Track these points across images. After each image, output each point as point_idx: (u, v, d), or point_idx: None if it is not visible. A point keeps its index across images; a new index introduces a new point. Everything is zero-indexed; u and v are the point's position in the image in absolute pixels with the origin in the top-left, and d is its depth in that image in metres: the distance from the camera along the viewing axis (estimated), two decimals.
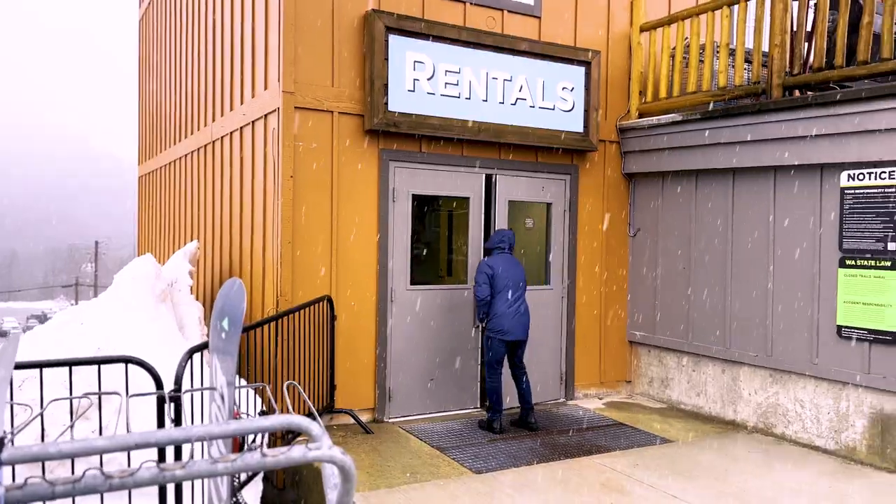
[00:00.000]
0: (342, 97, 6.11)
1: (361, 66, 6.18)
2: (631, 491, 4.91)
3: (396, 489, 4.82)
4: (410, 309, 6.51)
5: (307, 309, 5.72)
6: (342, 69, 6.12)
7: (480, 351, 6.89)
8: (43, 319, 54.32)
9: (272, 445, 4.82)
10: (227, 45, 7.60)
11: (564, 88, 6.99)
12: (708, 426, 6.61)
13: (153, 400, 3.83)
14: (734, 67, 6.49)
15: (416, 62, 6.21)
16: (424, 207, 8.60)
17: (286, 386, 2.73)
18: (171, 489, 3.76)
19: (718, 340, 6.78)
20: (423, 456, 5.52)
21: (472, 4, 6.67)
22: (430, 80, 6.30)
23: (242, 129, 6.94)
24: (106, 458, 4.11)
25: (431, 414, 6.64)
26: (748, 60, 6.69)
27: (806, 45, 6.15)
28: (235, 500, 4.17)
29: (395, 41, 6.10)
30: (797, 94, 6.19)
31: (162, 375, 3.85)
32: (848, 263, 5.68)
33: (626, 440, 6.07)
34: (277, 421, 1.97)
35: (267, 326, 5.17)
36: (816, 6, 5.88)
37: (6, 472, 2.94)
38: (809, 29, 6.12)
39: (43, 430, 4.09)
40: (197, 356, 4.23)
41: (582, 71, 7.06)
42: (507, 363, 6.37)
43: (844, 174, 5.70)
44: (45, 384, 3.83)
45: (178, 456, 3.66)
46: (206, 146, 8.41)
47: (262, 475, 4.94)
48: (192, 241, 8.54)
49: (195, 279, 7.92)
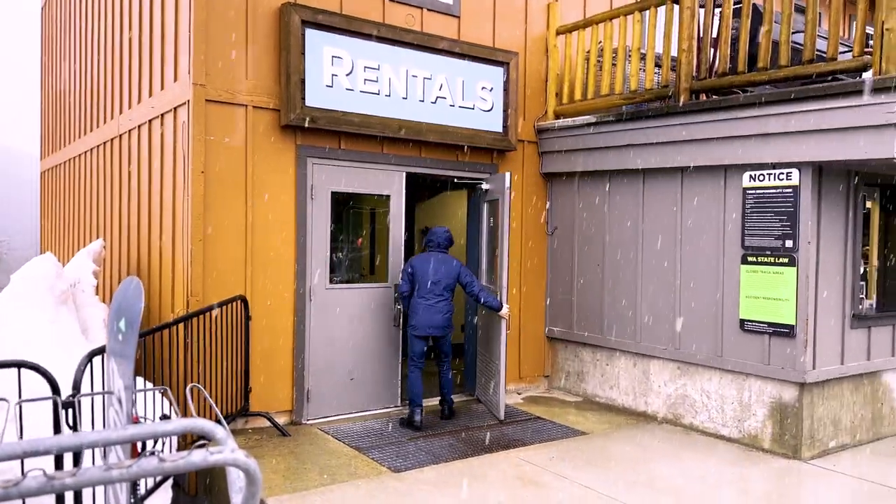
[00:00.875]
0: (257, 91, 5.95)
1: (277, 59, 6.04)
2: (546, 483, 5.01)
3: (313, 491, 4.74)
4: (330, 308, 6.41)
5: (219, 309, 5.54)
6: (257, 62, 5.96)
7: (402, 349, 6.87)
8: None
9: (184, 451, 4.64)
10: (135, 34, 7.27)
11: (484, 88, 7.06)
12: (621, 418, 6.82)
13: (51, 406, 3.61)
14: (645, 71, 6.72)
15: (334, 57, 6.12)
16: (346, 205, 8.50)
17: (189, 389, 2.62)
18: (69, 497, 3.56)
19: (630, 335, 7.00)
20: (341, 457, 5.45)
21: (391, 1, 6.63)
22: (349, 75, 6.22)
23: (151, 122, 6.66)
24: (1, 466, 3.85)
25: (351, 414, 6.57)
26: (658, 65, 6.94)
27: (712, 50, 6.43)
28: None
29: (312, 35, 5.99)
30: (703, 97, 6.46)
31: (61, 380, 3.63)
32: (749, 260, 5.98)
33: (542, 434, 6.19)
34: (179, 425, 1.89)
35: (176, 327, 4.97)
36: (721, 14, 6.15)
37: None
38: (715, 35, 6.40)
39: None
40: (98, 359, 4.02)
41: (501, 71, 7.14)
42: None
43: (746, 175, 6.00)
44: None
45: (76, 464, 3.46)
46: (112, 140, 8.03)
47: (171, 482, 4.75)
48: (97, 239, 8.13)
49: (100, 279, 7.54)
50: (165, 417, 4.45)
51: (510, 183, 6.57)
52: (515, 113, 7.27)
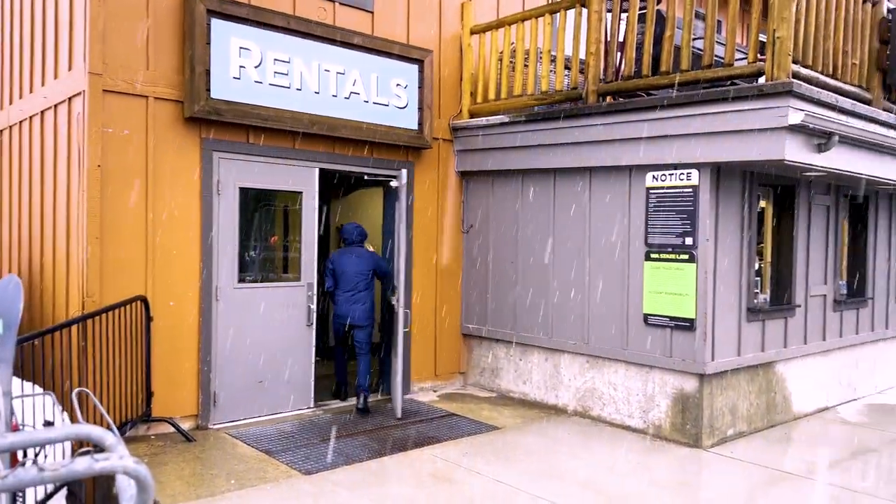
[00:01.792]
0: (159, 81, 5.69)
1: (181, 49, 5.79)
2: (459, 479, 5.03)
3: (219, 497, 4.58)
4: (239, 308, 6.21)
5: (118, 310, 5.27)
6: (160, 51, 5.70)
7: (316, 349, 6.75)
8: None
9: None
10: (26, 19, 6.80)
11: (398, 85, 7.02)
12: (533, 412, 6.94)
13: None
14: (556, 73, 6.86)
15: (241, 49, 5.93)
16: (259, 202, 8.26)
17: (76, 394, 2.47)
18: None
19: (542, 330, 7.14)
20: (250, 461, 5.29)
21: None
22: (257, 68, 6.04)
23: (44, 113, 6.25)
24: None
25: (262, 417, 6.39)
26: (568, 67, 7.10)
27: (618, 54, 6.63)
28: None
29: (218, 26, 5.78)
30: (611, 99, 6.66)
31: None
32: (653, 257, 6.21)
33: (457, 430, 6.22)
34: (63, 432, 1.78)
35: (68, 330, 4.68)
36: (627, 19, 6.36)
37: None
38: (621, 40, 6.61)
39: None
40: None
41: (415, 69, 7.12)
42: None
43: (650, 175, 6.22)
44: None
45: None
46: (1, 132, 7.49)
47: (65, 492, 4.47)
48: None
49: None
50: (49, 424, 4.19)
51: (406, 180, 6.60)
52: (431, 111, 7.27)
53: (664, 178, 6.12)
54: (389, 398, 7.28)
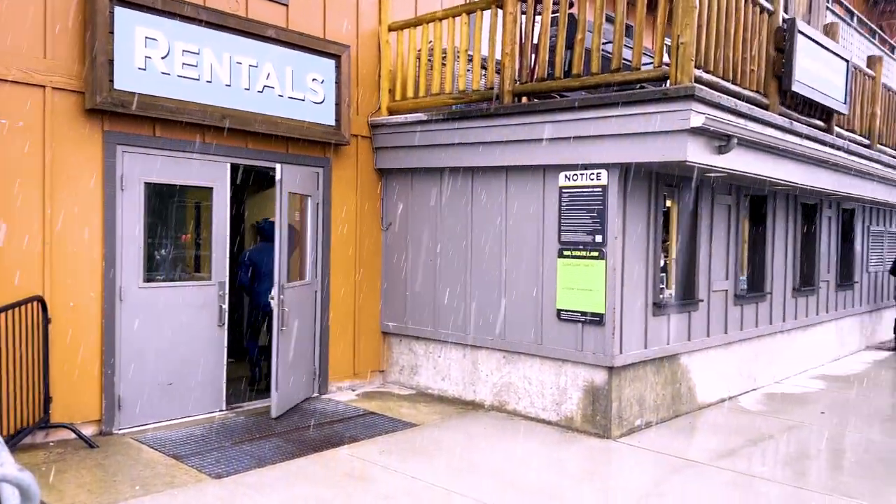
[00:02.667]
0: (57, 71, 5.40)
1: (82, 37, 5.51)
2: (375, 477, 5.02)
3: None
4: (146, 308, 5.98)
5: (12, 311, 4.98)
6: (58, 39, 5.41)
7: (227, 349, 6.58)
8: None
9: None
10: None
11: (315, 80, 6.92)
12: (451, 408, 7.00)
13: None
14: (472, 72, 6.93)
15: (147, 39, 5.70)
16: (169, 198, 7.97)
17: None
18: None
19: (461, 327, 7.20)
20: (157, 466, 5.10)
21: None
22: (164, 58, 5.83)
23: None
24: None
25: (171, 420, 6.18)
26: (485, 67, 7.18)
27: (533, 56, 6.76)
28: None
29: (122, 14, 5.54)
30: (526, 100, 6.78)
31: None
32: (565, 254, 6.37)
33: (374, 428, 6.20)
34: None
35: None
36: (541, 22, 6.48)
37: None
38: (536, 41, 6.73)
39: None
40: None
41: (332, 64, 7.04)
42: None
43: (562, 174, 6.37)
44: None
45: None
46: None
47: None
48: None
49: None
50: None
51: (282, 175, 6.33)
52: (348, 107, 7.21)
53: (576, 177, 6.28)
54: (307, 398, 7.17)
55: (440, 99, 7.16)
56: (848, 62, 7.83)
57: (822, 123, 7.64)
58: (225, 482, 4.86)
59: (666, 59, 5.70)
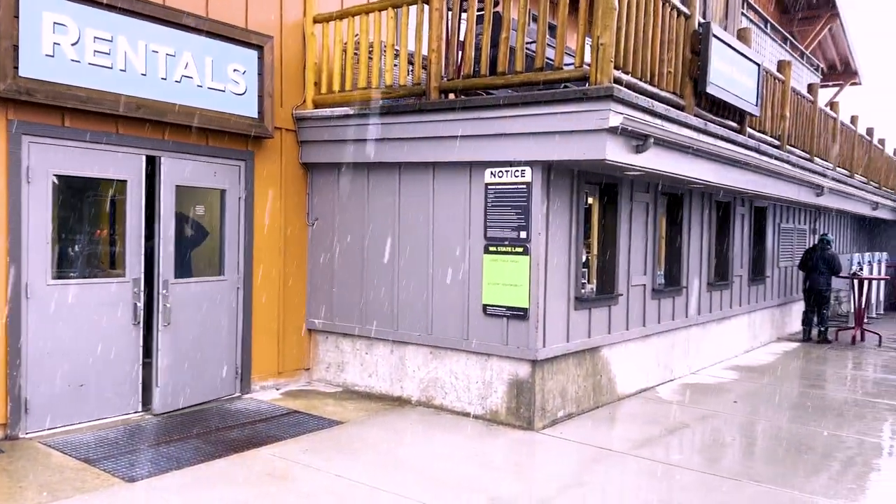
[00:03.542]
0: None
1: None
2: (298, 476, 4.95)
3: None
4: (55, 306, 5.70)
5: None
6: None
7: (144, 350, 6.35)
8: None
9: None
10: None
11: (236, 71, 6.75)
12: (378, 404, 6.98)
13: None
14: (399, 67, 6.90)
15: (56, 24, 5.42)
16: (81, 192, 7.61)
17: None
18: None
19: (389, 323, 7.18)
20: (66, 471, 4.88)
21: None
22: (75, 45, 5.56)
23: None
24: None
25: (84, 423, 5.92)
26: (411, 62, 7.16)
27: (459, 53, 6.79)
28: None
29: None
30: (452, 96, 6.81)
31: None
32: (491, 250, 6.44)
33: (298, 427, 6.11)
34: None
35: None
36: (467, 18, 6.52)
37: None
38: (462, 38, 6.76)
39: None
40: None
41: (255, 55, 6.88)
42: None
43: (488, 171, 6.43)
44: None
45: None
46: None
47: None
48: None
49: None
50: None
51: (162, 167, 6.27)
52: (272, 99, 7.06)
53: (501, 174, 6.36)
54: (225, 398, 7.01)
55: (367, 93, 7.10)
56: (759, 66, 8.21)
57: (735, 125, 7.99)
58: (139, 486, 4.70)
59: (587, 59, 5.83)
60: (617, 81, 5.67)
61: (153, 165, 6.38)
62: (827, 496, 4.94)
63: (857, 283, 12.61)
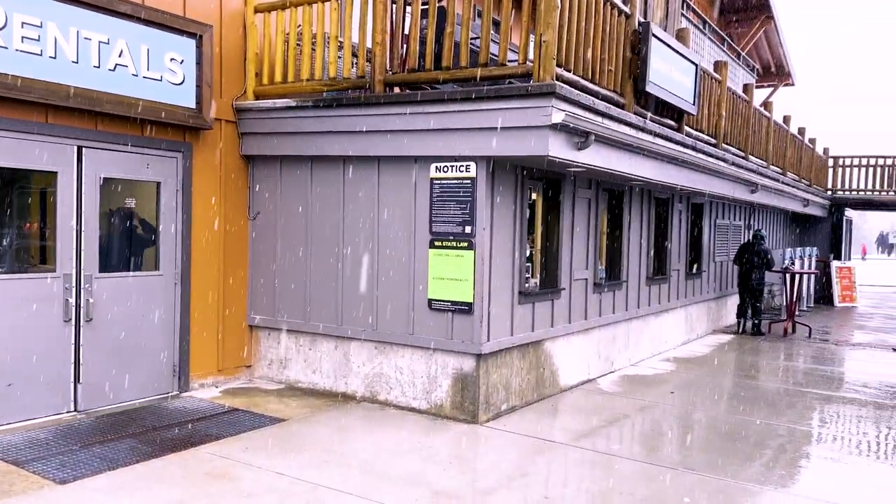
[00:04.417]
0: None
1: None
2: (237, 475, 4.86)
3: None
4: None
5: None
6: None
7: (76, 347, 6.12)
8: None
9: None
10: None
11: (174, 60, 6.55)
12: (321, 401, 6.91)
13: None
14: (343, 59, 6.82)
15: None
16: (11, 184, 7.27)
17: None
18: None
19: (333, 319, 7.11)
20: None
21: None
22: (2, 31, 5.30)
23: None
24: None
25: (12, 424, 5.67)
26: (355, 54, 7.09)
27: (404, 46, 6.75)
28: None
29: None
30: (398, 90, 6.77)
31: None
32: (436, 244, 6.44)
33: (239, 426, 6.00)
34: None
35: None
36: (411, 12, 6.49)
37: None
38: (407, 32, 6.73)
39: None
40: None
41: (193, 44, 6.69)
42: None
43: (433, 166, 6.43)
44: None
45: None
46: None
47: None
48: None
49: None
50: None
51: (82, 158, 6.06)
52: (211, 89, 6.88)
53: (446, 169, 6.36)
54: (162, 396, 6.82)
55: (310, 85, 7.00)
56: (697, 66, 8.44)
57: (673, 123, 8.20)
58: (71, 487, 4.53)
59: (531, 56, 5.88)
60: (559, 79, 5.74)
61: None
62: (759, 483, 5.14)
63: (788, 277, 13.13)
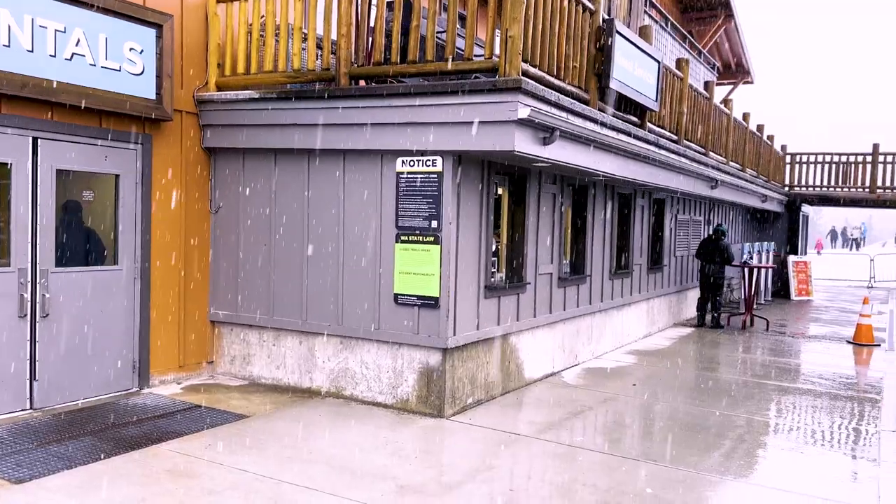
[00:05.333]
0: None
1: None
2: (199, 473, 4.79)
3: None
4: None
5: None
6: None
7: (31, 344, 5.96)
8: None
9: None
10: None
11: (133, 50, 6.40)
12: (285, 397, 6.84)
13: None
14: (308, 51, 6.74)
15: None
16: None
17: None
18: None
19: (297, 314, 7.04)
20: None
21: None
22: None
23: None
24: None
25: None
26: (320, 46, 7.02)
27: (369, 39, 6.70)
28: None
29: None
30: (363, 83, 6.72)
31: None
32: (403, 239, 6.42)
33: (201, 422, 5.91)
34: None
35: None
36: (377, 5, 6.44)
37: None
38: (372, 25, 6.68)
39: None
40: None
41: (153, 33, 6.54)
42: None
43: (399, 160, 6.40)
44: None
45: None
46: None
47: None
48: None
49: None
50: None
51: (39, 150, 6.00)
52: (171, 80, 6.74)
53: (413, 163, 6.34)
54: (122, 393, 6.69)
55: (273, 77, 6.91)
56: (660, 63, 8.56)
57: (636, 119, 8.31)
58: (27, 487, 4.42)
59: (497, 51, 5.89)
60: (525, 74, 5.77)
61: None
62: (719, 473, 5.25)
63: (747, 271, 13.43)
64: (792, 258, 18.94)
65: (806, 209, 21.33)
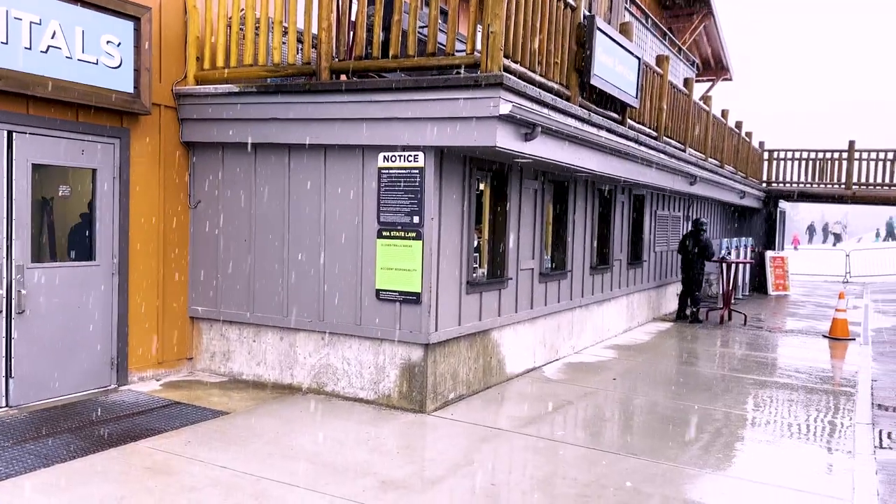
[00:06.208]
0: None
1: None
2: (179, 470, 4.75)
3: None
4: None
5: None
6: None
7: (7, 340, 5.87)
8: None
9: None
10: None
11: (110, 43, 6.30)
12: (266, 393, 6.81)
13: None
14: (288, 45, 6.69)
15: None
16: None
17: None
18: None
19: (278, 310, 7.01)
20: None
21: None
22: None
23: None
24: None
25: None
26: (301, 41, 6.97)
27: (351, 33, 6.66)
28: None
29: None
30: (344, 78, 6.68)
31: None
32: (384, 234, 6.41)
33: (181, 419, 5.86)
34: None
35: None
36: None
37: None
38: (353, 19, 6.64)
39: None
40: None
41: (130, 26, 6.45)
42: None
43: (381, 155, 6.39)
44: None
45: None
46: None
47: None
48: None
49: None
50: None
51: (13, 143, 5.93)
52: (150, 73, 6.66)
53: (394, 158, 6.33)
54: (100, 390, 6.61)
55: (253, 71, 6.85)
56: (640, 59, 8.60)
57: (617, 116, 8.35)
58: (4, 485, 4.36)
59: (479, 46, 5.88)
60: (507, 70, 5.77)
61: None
62: (698, 466, 5.32)
63: (725, 266, 13.58)
64: (769, 253, 19.19)
65: (783, 205, 21.60)
